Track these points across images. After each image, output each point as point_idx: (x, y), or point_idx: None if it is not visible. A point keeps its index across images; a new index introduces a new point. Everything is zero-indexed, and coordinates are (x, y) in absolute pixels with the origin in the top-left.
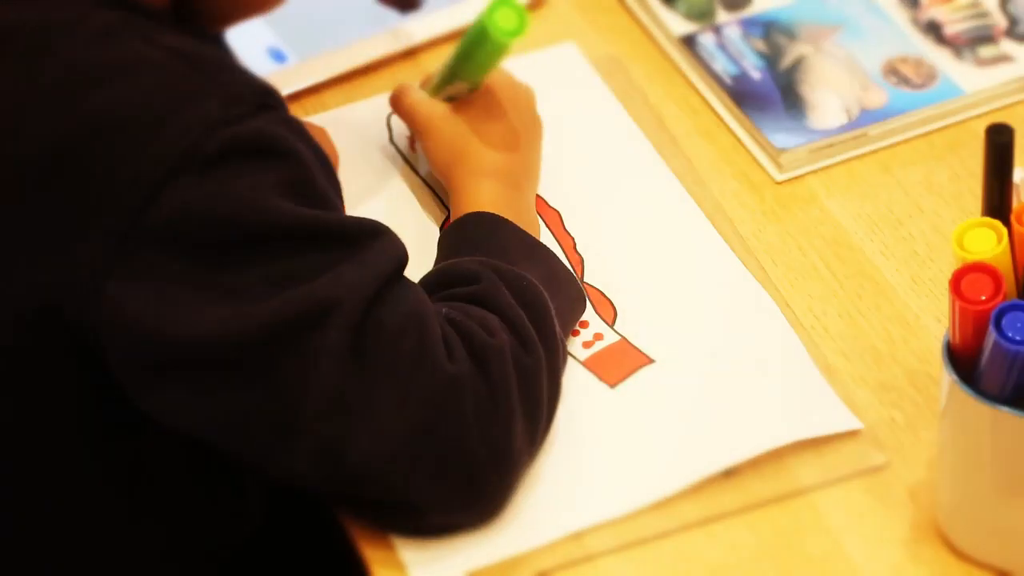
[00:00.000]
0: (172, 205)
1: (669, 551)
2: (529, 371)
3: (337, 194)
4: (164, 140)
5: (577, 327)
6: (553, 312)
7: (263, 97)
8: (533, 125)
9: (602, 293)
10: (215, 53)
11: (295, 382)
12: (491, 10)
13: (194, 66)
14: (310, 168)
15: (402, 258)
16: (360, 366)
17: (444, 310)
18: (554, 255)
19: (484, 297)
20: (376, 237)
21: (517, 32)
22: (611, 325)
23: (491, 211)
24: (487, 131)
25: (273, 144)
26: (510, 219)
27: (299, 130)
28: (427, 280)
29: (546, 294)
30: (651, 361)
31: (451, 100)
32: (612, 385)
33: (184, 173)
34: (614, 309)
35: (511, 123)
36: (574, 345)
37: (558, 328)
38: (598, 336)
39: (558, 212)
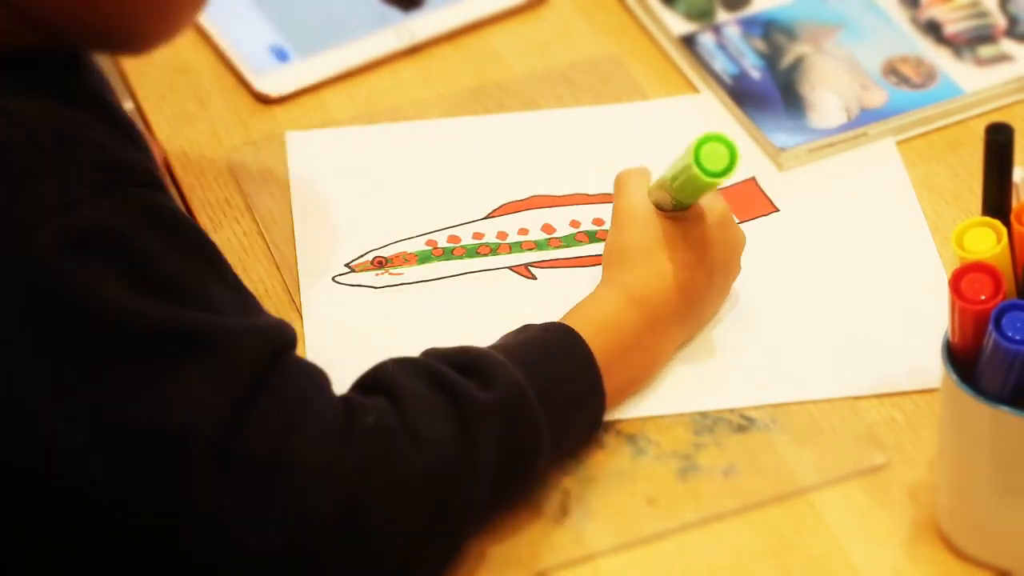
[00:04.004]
0: None
1: (669, 551)
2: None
3: (206, 275)
4: None
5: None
6: (531, 463)
7: (113, 174)
8: (723, 272)
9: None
10: (70, 118)
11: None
12: (697, 146)
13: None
14: (155, 256)
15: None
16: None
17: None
18: (600, 410)
19: (475, 407)
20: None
21: (724, 173)
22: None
23: (602, 332)
24: (661, 257)
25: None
26: (625, 347)
27: (151, 210)
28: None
29: (544, 445)
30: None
31: (657, 205)
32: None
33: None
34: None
35: (693, 261)
36: None
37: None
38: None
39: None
